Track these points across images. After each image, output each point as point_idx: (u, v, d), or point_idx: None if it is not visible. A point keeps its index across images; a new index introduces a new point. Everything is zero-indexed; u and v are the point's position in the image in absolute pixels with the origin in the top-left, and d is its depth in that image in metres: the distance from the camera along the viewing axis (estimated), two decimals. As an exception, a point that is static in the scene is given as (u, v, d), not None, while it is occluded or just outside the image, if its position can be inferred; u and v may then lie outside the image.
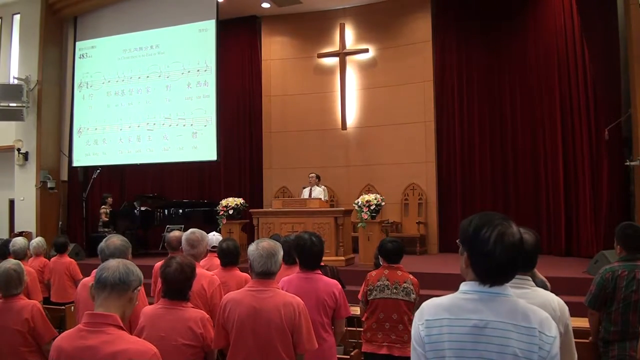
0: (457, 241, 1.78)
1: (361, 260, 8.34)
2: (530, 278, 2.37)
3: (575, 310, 3.13)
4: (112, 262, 2.24)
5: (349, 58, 11.36)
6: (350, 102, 11.31)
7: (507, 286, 1.73)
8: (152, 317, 2.92)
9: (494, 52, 10.25)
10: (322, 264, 4.46)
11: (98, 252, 3.38)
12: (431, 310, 1.76)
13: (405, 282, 4.17)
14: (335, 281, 3.51)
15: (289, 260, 3.91)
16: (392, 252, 4.25)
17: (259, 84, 12.00)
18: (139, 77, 11.68)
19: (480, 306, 1.70)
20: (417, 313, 1.81)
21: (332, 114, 11.43)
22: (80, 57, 12.26)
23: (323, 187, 9.92)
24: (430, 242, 10.50)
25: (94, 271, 2.38)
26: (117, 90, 11.85)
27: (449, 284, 6.64)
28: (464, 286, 1.76)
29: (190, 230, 3.98)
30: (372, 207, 8.23)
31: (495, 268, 1.69)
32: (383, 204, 8.42)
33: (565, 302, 2.36)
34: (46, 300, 6.16)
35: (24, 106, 11.51)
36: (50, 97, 11.99)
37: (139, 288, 2.26)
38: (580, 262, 8.00)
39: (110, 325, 2.13)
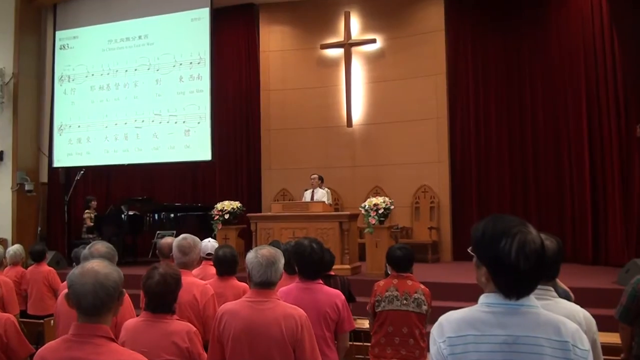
0: (469, 250, 1.77)
1: (368, 269, 8.33)
2: (552, 288, 2.36)
3: (604, 324, 3.11)
4: (85, 278, 2.12)
5: (354, 49, 11.36)
6: (356, 97, 11.31)
7: (532, 297, 1.72)
8: (133, 331, 2.92)
9: (513, 41, 10.24)
10: (332, 273, 4.48)
11: (81, 260, 3.38)
12: (453, 325, 1.74)
13: (416, 293, 4.16)
14: (337, 291, 3.50)
15: (289, 269, 3.91)
16: (402, 259, 4.24)
17: (257, 77, 12.01)
18: (126, 70, 11.70)
19: (506, 320, 1.69)
20: (435, 329, 1.79)
21: (336, 110, 11.43)
22: (60, 48, 12.28)
23: (326, 189, 9.92)
24: (443, 249, 10.48)
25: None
26: (102, 84, 11.87)
27: (464, 294, 6.61)
28: (486, 298, 1.75)
29: (182, 236, 3.98)
30: (380, 211, 8.21)
31: (519, 281, 1.68)
32: (392, 207, 8.40)
33: (592, 315, 2.35)
34: (23, 314, 6.15)
35: (-2, 101, 11.51)
36: (28, 92, 11.99)
37: (122, 296, 2.23)
38: (609, 272, 7.97)
39: (99, 337, 2.12)
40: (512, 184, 10.21)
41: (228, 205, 9.21)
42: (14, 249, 6.63)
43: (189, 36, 11.23)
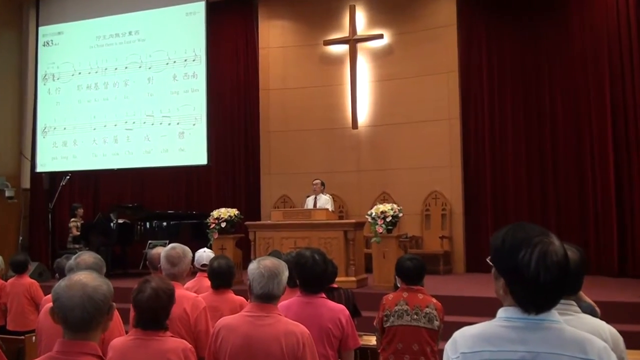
0: (488, 259, 1.77)
1: (375, 281, 8.30)
2: (574, 303, 2.35)
3: (632, 341, 3.09)
4: (72, 290, 2.10)
5: (360, 45, 11.36)
6: (362, 97, 11.31)
7: (555, 311, 1.71)
8: (122, 350, 2.87)
9: (531, 36, 10.23)
10: (335, 285, 4.46)
11: (65, 272, 3.37)
12: (467, 341, 1.74)
13: (427, 307, 4.15)
14: (341, 306, 3.49)
15: (290, 282, 3.89)
16: (412, 271, 4.23)
17: (256, 76, 12.02)
18: (116, 68, 11.73)
19: (526, 335, 1.68)
20: (449, 345, 1.78)
21: (340, 110, 11.43)
22: (44, 45, 12.32)
23: (328, 195, 9.92)
24: (456, 260, 10.45)
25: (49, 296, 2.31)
26: (89, 83, 11.90)
27: (479, 309, 6.58)
28: (504, 312, 1.74)
29: (171, 245, 3.97)
30: (387, 219, 8.20)
31: (540, 295, 1.67)
32: (400, 215, 8.38)
33: (619, 332, 2.33)
34: (2, 329, 6.13)
35: (-25, 102, 11.55)
36: (8, 91, 12.04)
37: (112, 311, 2.21)
38: (637, 284, 7.94)
39: (87, 354, 2.09)
40: (530, 189, 10.18)
41: (225, 212, 9.20)
42: None
43: (183, 32, 11.26)
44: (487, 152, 10.48)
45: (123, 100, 11.61)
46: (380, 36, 11.24)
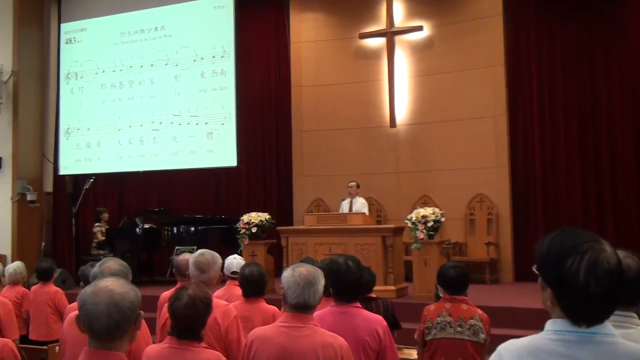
0: (534, 268, 1.76)
1: (416, 291, 8.27)
2: (635, 315, 2.31)
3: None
4: (98, 297, 2.14)
5: (398, 38, 11.34)
6: (401, 93, 11.28)
7: (608, 324, 1.69)
8: (157, 359, 2.94)
9: (585, 25, 10.07)
10: (373, 295, 4.47)
11: (90, 279, 3.43)
12: (513, 355, 1.73)
13: (472, 319, 4.12)
14: (378, 316, 3.49)
15: (326, 291, 3.91)
16: (456, 280, 4.21)
17: (287, 72, 12.07)
18: (141, 66, 11.91)
19: (576, 350, 1.66)
20: (494, 359, 1.78)
21: (377, 108, 11.41)
22: (67, 42, 12.56)
23: (364, 199, 9.91)
24: (503, 268, 10.35)
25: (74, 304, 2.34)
26: (113, 82, 12.10)
27: (528, 321, 6.54)
28: (552, 324, 1.73)
29: (199, 251, 4.01)
30: (429, 224, 8.16)
31: (590, 306, 1.65)
32: (443, 220, 8.34)
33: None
34: (25, 339, 6.25)
35: (-4, 103, 11.80)
36: (30, 91, 12.26)
37: (139, 319, 2.24)
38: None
39: None
40: (584, 191, 10.02)
41: (256, 217, 9.26)
42: (14, 266, 6.71)
43: (211, 27, 11.37)
44: (536, 152, 10.36)
45: (149, 99, 11.78)
46: (420, 28, 11.19)
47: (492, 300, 7.89)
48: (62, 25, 12.60)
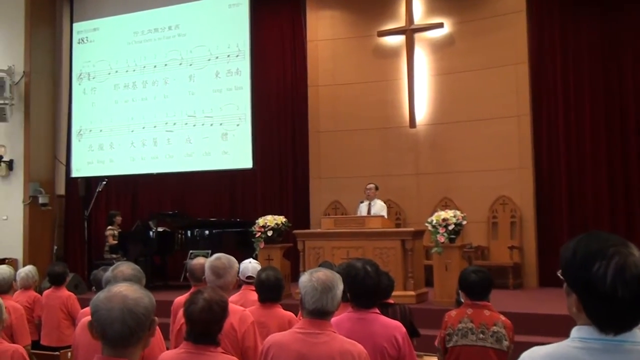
0: (559, 273, 1.74)
1: (437, 296, 8.26)
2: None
3: None
4: (112, 303, 2.15)
5: (418, 36, 11.32)
6: (421, 93, 11.26)
7: (637, 331, 1.67)
8: None
9: (612, 21, 10.01)
10: (391, 301, 4.46)
11: (103, 284, 3.45)
12: None
13: (494, 325, 4.10)
14: (397, 322, 3.48)
15: (344, 296, 3.91)
16: (478, 285, 4.19)
17: (304, 71, 12.09)
18: (155, 66, 11.97)
19: (603, 359, 1.65)
20: None
21: (397, 107, 11.40)
22: (79, 42, 12.66)
23: (382, 201, 9.90)
24: (527, 273, 10.30)
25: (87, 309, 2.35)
26: (127, 82, 12.17)
27: (553, 327, 6.50)
28: (578, 332, 1.71)
29: (215, 255, 4.03)
30: (450, 228, 8.14)
31: (617, 313, 1.64)
32: (464, 223, 8.32)
33: None
34: (36, 344, 6.29)
35: (7, 104, 11.88)
36: (41, 92, 12.36)
37: (154, 326, 2.25)
38: None
39: None
40: (612, 193, 9.95)
41: (271, 220, 9.28)
42: (26, 270, 6.76)
43: (226, 25, 11.41)
44: (562, 152, 10.30)
45: (163, 99, 11.83)
46: (440, 25, 11.16)
47: (516, 306, 7.86)
48: (75, 25, 12.69)
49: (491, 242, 10.60)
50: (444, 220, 8.18)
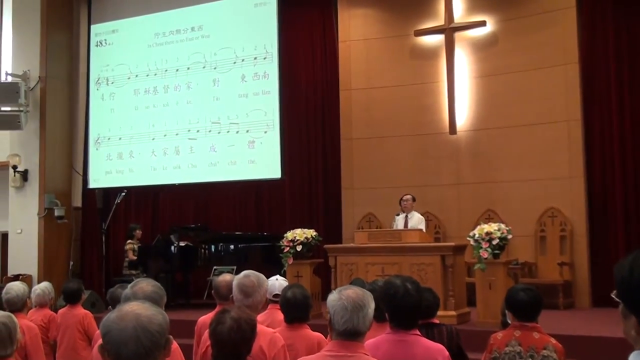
0: (613, 295, 1.71)
1: (480, 317, 8.18)
2: None
3: None
4: (124, 322, 2.15)
5: (458, 35, 11.30)
6: (461, 96, 11.22)
7: None
8: None
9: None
10: (436, 321, 4.42)
11: (121, 301, 3.46)
12: None
13: (544, 349, 4.05)
14: (439, 345, 3.45)
15: (378, 315, 3.88)
16: (526, 305, 4.14)
17: (335, 74, 12.12)
18: (177, 70, 12.09)
19: None
20: None
21: (435, 112, 11.37)
22: (97, 45, 12.85)
23: (420, 214, 9.86)
24: (580, 292, 10.19)
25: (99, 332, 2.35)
26: (147, 87, 12.31)
27: (608, 352, 6.41)
28: (636, 357, 1.69)
29: (244, 273, 4.03)
30: (494, 242, 8.07)
31: None
32: (510, 237, 8.25)
33: None
34: (52, 365, 6.37)
35: (21, 110, 12.05)
36: (58, 98, 12.55)
37: (169, 344, 2.24)
38: None
39: None
40: (672, 205, 9.84)
41: (301, 234, 9.28)
42: (42, 287, 6.82)
43: (253, 26, 11.49)
44: (616, 160, 10.19)
45: (185, 105, 11.94)
46: (483, 23, 11.12)
47: (567, 328, 7.78)
48: (92, 27, 12.87)
49: (539, 258, 10.51)
50: (488, 234, 8.12)
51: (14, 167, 12.24)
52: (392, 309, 3.46)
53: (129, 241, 11.39)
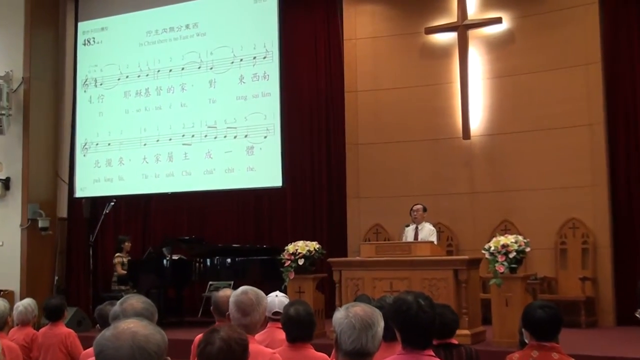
0: (637, 314, 1.71)
1: (496, 336, 8.18)
2: None
3: None
4: (120, 340, 2.13)
5: (472, 33, 11.31)
6: (475, 99, 11.23)
7: None
8: None
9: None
10: (455, 341, 4.41)
11: (110, 320, 3.47)
12: None
13: (565, 371, 4.04)
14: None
15: (388, 334, 3.87)
16: (545, 323, 4.13)
17: (340, 75, 12.12)
18: (170, 70, 12.11)
19: None
20: None
21: (447, 116, 11.38)
22: (84, 44, 12.88)
23: (431, 224, 9.85)
24: (603, 309, 10.17)
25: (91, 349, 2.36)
26: (138, 89, 12.33)
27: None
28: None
29: (242, 289, 4.02)
30: (511, 255, 8.06)
31: None
32: (528, 250, 8.24)
33: None
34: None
35: (3, 114, 12.09)
36: (42, 101, 12.57)
37: None
38: None
39: None
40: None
41: (303, 247, 9.27)
42: (24, 304, 6.77)
43: (252, 23, 11.52)
44: (642, 168, 10.21)
45: (179, 108, 11.95)
46: (498, 20, 11.13)
47: (589, 348, 7.78)
48: (80, 24, 12.90)
49: (559, 273, 10.50)
50: (504, 246, 8.11)
51: (-5, 175, 12.29)
52: (404, 327, 3.45)
53: (117, 254, 11.39)
